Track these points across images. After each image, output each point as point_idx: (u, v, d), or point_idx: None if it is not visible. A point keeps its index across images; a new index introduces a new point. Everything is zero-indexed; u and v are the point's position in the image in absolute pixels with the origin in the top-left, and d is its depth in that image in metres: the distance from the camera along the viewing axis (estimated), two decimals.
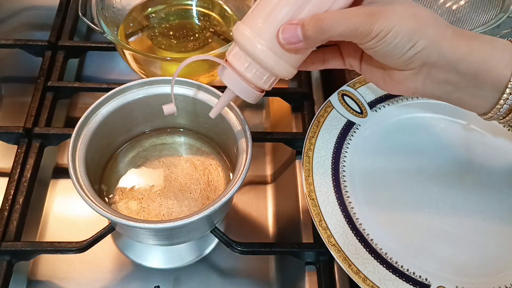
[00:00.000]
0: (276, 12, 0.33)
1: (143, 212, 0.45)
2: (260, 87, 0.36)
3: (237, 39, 0.35)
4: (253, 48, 0.34)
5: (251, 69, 0.35)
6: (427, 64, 0.34)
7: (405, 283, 0.40)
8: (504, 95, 0.34)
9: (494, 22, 0.56)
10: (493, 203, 0.46)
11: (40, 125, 0.53)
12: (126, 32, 0.60)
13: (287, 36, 0.33)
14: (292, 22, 0.33)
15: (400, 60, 0.34)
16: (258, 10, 0.34)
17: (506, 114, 0.35)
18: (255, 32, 0.34)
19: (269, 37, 0.33)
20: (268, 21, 0.33)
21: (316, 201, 0.44)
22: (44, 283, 0.49)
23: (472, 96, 0.35)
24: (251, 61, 0.35)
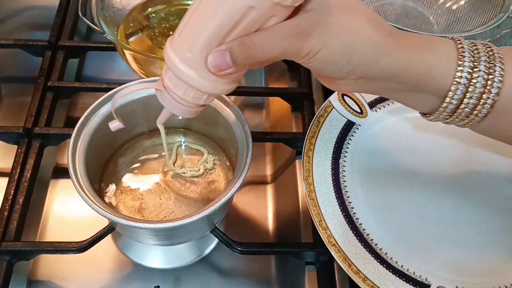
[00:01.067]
0: (201, 38, 0.31)
1: (143, 212, 0.45)
2: (201, 105, 0.36)
3: (169, 67, 0.33)
4: (186, 77, 0.32)
5: (189, 93, 0.34)
6: (366, 77, 0.33)
7: (405, 283, 0.40)
8: (444, 103, 0.33)
9: (494, 22, 0.56)
10: (493, 203, 0.46)
11: (40, 125, 0.53)
12: (126, 32, 0.60)
13: (216, 64, 0.31)
14: (220, 48, 0.31)
15: (337, 74, 0.33)
16: (184, 36, 0.32)
17: (448, 116, 0.34)
18: (184, 62, 0.32)
19: (199, 66, 0.32)
20: (195, 49, 0.31)
21: (316, 201, 0.44)
22: (44, 283, 0.49)
23: (413, 99, 0.35)
24: (187, 86, 0.33)
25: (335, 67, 0.32)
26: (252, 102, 0.65)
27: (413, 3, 0.66)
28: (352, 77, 0.33)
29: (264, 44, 0.30)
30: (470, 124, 0.35)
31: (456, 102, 0.33)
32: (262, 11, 0.29)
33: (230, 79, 0.33)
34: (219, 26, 0.30)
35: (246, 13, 0.29)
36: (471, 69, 0.32)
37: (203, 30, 0.30)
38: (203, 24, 0.30)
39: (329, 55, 0.31)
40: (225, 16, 0.29)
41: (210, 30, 0.30)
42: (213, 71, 0.32)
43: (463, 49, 0.33)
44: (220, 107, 0.45)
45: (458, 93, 0.32)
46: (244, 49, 0.30)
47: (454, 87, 0.32)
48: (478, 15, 0.60)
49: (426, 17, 0.65)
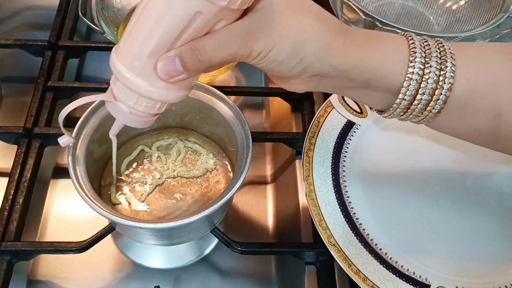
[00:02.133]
0: (149, 45, 0.29)
1: (143, 212, 0.45)
2: (154, 114, 0.34)
3: (117, 77, 0.32)
4: (136, 87, 0.31)
5: (141, 103, 0.32)
6: (319, 75, 0.33)
7: (405, 283, 0.40)
8: (397, 99, 0.33)
9: (494, 22, 0.56)
10: (493, 203, 0.46)
11: (40, 125, 0.53)
12: None
13: (166, 71, 0.30)
14: (168, 54, 0.30)
15: (289, 74, 0.32)
16: (130, 44, 0.30)
17: (403, 113, 0.34)
18: (132, 71, 0.31)
19: (148, 74, 0.30)
20: (142, 57, 0.30)
21: (316, 201, 0.44)
22: (44, 283, 0.49)
23: (367, 96, 0.35)
24: (139, 96, 0.32)
25: (287, 67, 0.32)
26: (252, 102, 0.65)
27: (413, 3, 0.66)
28: (305, 76, 0.33)
29: (213, 48, 0.30)
30: (424, 120, 0.35)
31: (409, 98, 0.33)
32: (209, 15, 0.28)
33: (183, 85, 0.32)
34: (166, 32, 0.29)
35: (194, 18, 0.28)
36: (423, 65, 0.32)
37: (149, 37, 0.29)
38: (149, 31, 0.29)
39: (280, 54, 0.31)
40: (172, 21, 0.28)
41: (157, 37, 0.29)
42: (163, 79, 0.31)
43: (414, 45, 0.32)
44: (220, 107, 0.45)
45: (411, 89, 0.32)
46: (193, 53, 0.29)
47: (406, 83, 0.32)
48: (478, 15, 0.60)
49: (426, 17, 0.65)
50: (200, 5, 0.27)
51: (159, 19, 0.28)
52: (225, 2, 0.27)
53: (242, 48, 0.30)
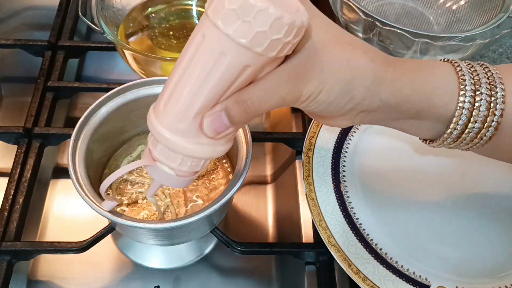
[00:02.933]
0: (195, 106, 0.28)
1: (143, 212, 0.45)
2: (196, 172, 0.34)
3: (160, 141, 0.31)
4: (182, 149, 0.30)
5: (186, 163, 0.32)
6: (367, 111, 0.32)
7: (405, 283, 0.40)
8: (449, 129, 0.32)
9: (494, 22, 0.56)
10: (493, 203, 0.46)
11: (40, 125, 0.53)
12: (126, 32, 0.60)
13: (213, 128, 0.29)
14: (214, 110, 0.29)
15: (338, 113, 0.31)
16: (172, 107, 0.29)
17: (453, 142, 0.33)
18: (177, 134, 0.30)
19: (193, 134, 0.30)
20: (188, 119, 0.29)
21: (316, 201, 0.44)
22: (44, 283, 0.49)
23: (415, 126, 0.34)
24: (183, 156, 0.31)
25: (338, 107, 0.30)
26: None
27: (413, 3, 0.66)
28: (353, 113, 0.32)
29: (260, 97, 0.28)
30: (474, 148, 0.34)
31: (461, 127, 0.32)
32: (257, 67, 0.27)
33: (227, 138, 0.31)
34: (213, 91, 0.28)
35: (241, 72, 0.27)
36: (473, 93, 0.31)
37: (195, 98, 0.28)
38: (194, 93, 0.28)
39: (330, 96, 0.29)
40: (219, 80, 0.27)
41: (204, 97, 0.28)
42: (211, 136, 0.30)
43: (462, 72, 0.31)
44: None
45: (463, 118, 0.31)
46: (240, 106, 0.28)
47: (458, 112, 0.31)
48: (478, 15, 0.60)
49: (426, 17, 0.65)
50: (249, 60, 0.27)
51: (206, 79, 0.27)
52: (275, 53, 0.26)
53: (290, 94, 0.29)
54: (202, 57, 0.27)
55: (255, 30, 0.25)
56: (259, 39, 0.26)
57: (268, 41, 0.26)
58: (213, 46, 0.27)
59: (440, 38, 0.54)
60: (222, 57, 0.27)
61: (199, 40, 0.27)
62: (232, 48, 0.26)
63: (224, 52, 0.26)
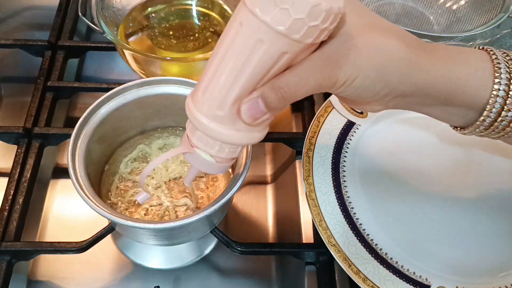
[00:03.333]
0: (232, 93, 0.29)
1: (143, 212, 0.45)
2: (233, 158, 0.34)
3: (199, 128, 0.31)
4: (220, 136, 0.31)
5: (223, 150, 0.32)
6: (401, 95, 0.32)
7: (405, 283, 0.40)
8: (482, 117, 0.32)
9: (494, 22, 0.56)
10: (493, 203, 0.46)
11: (40, 125, 0.53)
12: (126, 32, 0.60)
13: (251, 114, 0.30)
14: (251, 97, 0.29)
15: (373, 98, 0.32)
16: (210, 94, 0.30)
17: (485, 130, 0.33)
18: (216, 121, 0.30)
19: (231, 120, 0.30)
20: (226, 106, 0.29)
21: (316, 201, 0.44)
22: (44, 283, 0.49)
23: (446, 113, 0.34)
24: (221, 143, 0.32)
25: (373, 92, 0.31)
26: None
27: (413, 3, 0.66)
28: (388, 97, 0.32)
29: (297, 83, 0.29)
30: (505, 136, 0.34)
31: (494, 115, 0.32)
32: (294, 54, 0.28)
33: (264, 125, 0.32)
34: (250, 78, 0.28)
35: (279, 59, 0.27)
36: (508, 81, 0.31)
37: (233, 86, 0.29)
38: (232, 80, 0.28)
39: (365, 81, 0.30)
40: (256, 67, 0.28)
41: (241, 85, 0.28)
42: (248, 122, 0.30)
43: (498, 60, 0.31)
44: None
45: (497, 106, 0.31)
46: (277, 92, 0.29)
47: (492, 100, 0.31)
48: (478, 15, 0.60)
49: (426, 17, 0.65)
50: (286, 47, 0.27)
51: (244, 67, 0.28)
52: (312, 39, 0.27)
53: (326, 79, 0.29)
54: (239, 45, 0.28)
55: (293, 17, 0.26)
56: (297, 26, 0.26)
57: (306, 28, 0.26)
58: (251, 33, 0.27)
59: (440, 38, 0.54)
60: (260, 45, 0.27)
61: (237, 28, 0.28)
62: (270, 35, 0.26)
63: (262, 40, 0.27)
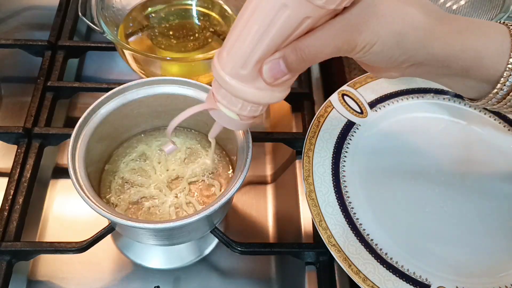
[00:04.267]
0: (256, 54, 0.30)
1: (143, 212, 0.45)
2: (255, 116, 0.36)
3: (223, 86, 0.33)
4: (243, 94, 0.32)
5: (246, 108, 0.34)
6: (417, 63, 0.33)
7: (405, 283, 0.40)
8: (495, 89, 0.33)
9: (494, 22, 0.56)
10: (493, 203, 0.46)
11: (40, 125, 0.53)
12: (126, 32, 0.60)
13: (272, 74, 0.31)
14: (273, 57, 0.30)
15: (390, 64, 0.33)
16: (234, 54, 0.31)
17: (497, 102, 0.34)
18: (239, 79, 0.32)
19: (254, 79, 0.32)
20: (249, 65, 0.31)
21: (316, 201, 0.44)
22: (44, 283, 0.49)
23: (461, 84, 0.35)
24: (243, 101, 0.33)
25: (391, 58, 0.32)
26: None
27: None
28: (405, 65, 0.33)
29: (318, 46, 0.30)
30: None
31: (508, 88, 0.32)
32: (316, 19, 0.29)
33: (285, 86, 0.33)
34: (274, 40, 0.29)
35: (301, 23, 0.29)
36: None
37: (257, 46, 0.30)
38: (257, 40, 0.30)
39: (384, 47, 0.31)
40: (279, 30, 0.29)
41: (265, 45, 0.30)
42: (269, 82, 0.31)
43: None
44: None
45: (511, 79, 0.32)
46: (298, 54, 0.30)
47: (506, 73, 0.32)
48: (478, 15, 0.60)
49: None
50: (309, 11, 0.28)
51: (268, 29, 0.29)
52: (334, 5, 0.28)
53: (346, 43, 0.30)
54: (264, 8, 0.29)
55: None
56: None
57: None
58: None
59: None
60: (284, 9, 0.28)
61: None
62: (294, 0, 0.27)
63: (286, 4, 0.28)
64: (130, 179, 0.47)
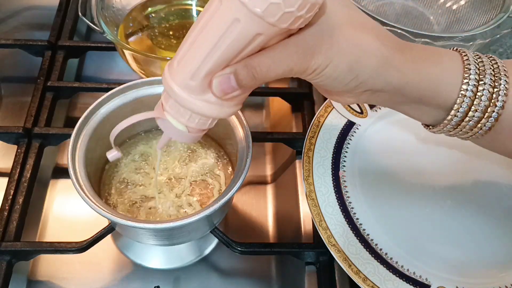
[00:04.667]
0: (205, 67, 0.30)
1: (143, 212, 0.45)
2: (203, 130, 0.35)
3: (171, 95, 0.32)
4: (190, 105, 0.32)
5: (194, 120, 0.33)
6: (372, 90, 0.33)
7: (405, 283, 0.40)
8: (449, 116, 0.33)
9: (494, 22, 0.56)
10: (493, 203, 0.46)
11: (40, 125, 0.53)
12: (126, 32, 0.60)
13: (221, 88, 0.31)
14: (224, 72, 0.30)
15: (344, 89, 0.32)
16: (185, 65, 0.31)
17: (452, 129, 0.34)
18: (187, 90, 0.31)
19: (202, 91, 0.31)
20: (198, 77, 0.30)
21: (316, 201, 0.44)
22: (44, 283, 0.49)
23: (417, 111, 0.35)
24: (191, 113, 0.33)
25: (342, 83, 0.32)
26: (252, 102, 0.65)
27: (413, 3, 0.66)
28: (358, 91, 0.33)
29: (269, 64, 0.30)
30: (473, 137, 0.34)
31: (461, 115, 0.32)
32: (269, 37, 0.29)
33: (235, 101, 0.33)
34: (224, 54, 0.29)
35: (253, 39, 0.28)
36: (477, 82, 0.32)
37: (207, 58, 0.30)
38: (207, 53, 0.29)
39: (335, 71, 0.31)
40: (231, 44, 0.29)
41: (215, 58, 0.29)
42: (218, 96, 0.31)
43: (468, 62, 0.32)
44: None
45: (464, 106, 0.32)
46: (249, 71, 0.30)
47: (459, 99, 0.32)
48: (478, 15, 0.60)
49: (426, 17, 0.65)
50: (261, 28, 0.28)
51: (219, 42, 0.29)
52: (286, 25, 0.28)
53: (297, 65, 0.30)
54: (217, 22, 0.29)
55: (269, 2, 0.26)
56: (273, 10, 0.27)
57: (281, 13, 0.27)
58: (229, 12, 0.28)
59: (440, 38, 0.54)
60: (236, 23, 0.28)
61: (217, 5, 0.29)
62: (246, 16, 0.27)
63: (238, 19, 0.28)
64: (130, 179, 0.47)
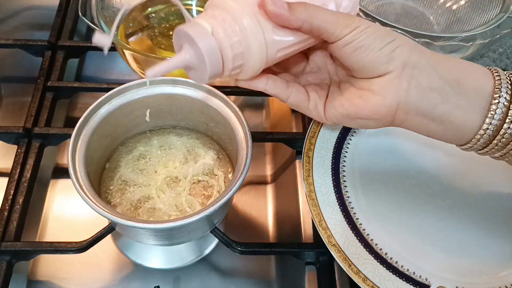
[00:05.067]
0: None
1: (143, 212, 0.45)
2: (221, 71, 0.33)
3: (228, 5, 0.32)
4: (244, 15, 0.32)
5: (237, 47, 0.32)
6: (409, 64, 0.33)
7: (405, 283, 0.40)
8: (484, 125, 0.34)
9: (494, 22, 0.56)
10: (493, 203, 0.46)
11: (40, 125, 0.53)
12: (126, 32, 0.60)
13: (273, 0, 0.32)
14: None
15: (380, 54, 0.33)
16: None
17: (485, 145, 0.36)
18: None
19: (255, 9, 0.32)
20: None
21: (316, 201, 0.44)
22: (44, 283, 0.49)
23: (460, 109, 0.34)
24: (240, 39, 0.32)
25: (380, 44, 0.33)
26: (252, 102, 0.65)
27: (413, 3, 0.66)
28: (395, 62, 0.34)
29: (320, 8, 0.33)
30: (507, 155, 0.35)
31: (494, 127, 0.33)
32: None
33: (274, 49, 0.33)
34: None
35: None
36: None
37: None
38: None
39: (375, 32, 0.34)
40: None
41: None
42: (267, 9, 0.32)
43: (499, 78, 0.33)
44: (220, 107, 0.45)
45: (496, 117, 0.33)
46: (303, 4, 0.33)
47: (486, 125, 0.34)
48: (478, 15, 0.60)
49: (426, 17, 0.65)
50: None
51: None
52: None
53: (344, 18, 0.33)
54: None
55: None
56: None
57: None
58: None
59: (440, 38, 0.54)
60: None
61: None
62: None
63: None
64: (130, 179, 0.47)
